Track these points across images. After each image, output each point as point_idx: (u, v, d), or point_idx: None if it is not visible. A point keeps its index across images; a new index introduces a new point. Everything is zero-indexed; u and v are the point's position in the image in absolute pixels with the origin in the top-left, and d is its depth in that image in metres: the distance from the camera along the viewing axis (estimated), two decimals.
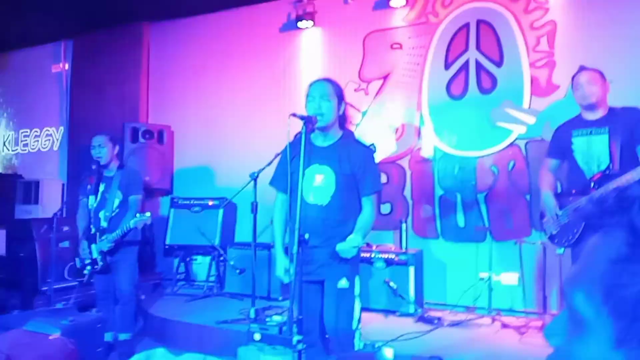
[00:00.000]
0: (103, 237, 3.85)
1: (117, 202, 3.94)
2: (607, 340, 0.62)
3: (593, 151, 3.17)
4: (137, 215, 3.81)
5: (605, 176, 3.05)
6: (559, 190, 3.45)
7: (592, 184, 3.09)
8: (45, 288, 4.87)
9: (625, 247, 0.65)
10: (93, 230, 3.95)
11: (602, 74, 3.23)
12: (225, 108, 6.15)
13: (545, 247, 4.15)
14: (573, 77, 3.30)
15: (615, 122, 3.14)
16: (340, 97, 2.75)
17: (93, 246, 3.91)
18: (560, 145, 3.38)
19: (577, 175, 3.24)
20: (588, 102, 3.20)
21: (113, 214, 3.92)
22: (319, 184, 2.68)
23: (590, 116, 3.24)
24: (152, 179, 5.71)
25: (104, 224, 3.91)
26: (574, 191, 3.23)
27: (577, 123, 3.31)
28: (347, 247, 2.48)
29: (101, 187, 3.98)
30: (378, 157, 3.23)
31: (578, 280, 0.72)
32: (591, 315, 0.67)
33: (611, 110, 3.22)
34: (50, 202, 6.61)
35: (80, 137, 6.81)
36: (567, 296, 0.79)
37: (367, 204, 2.71)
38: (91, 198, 3.99)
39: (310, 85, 2.77)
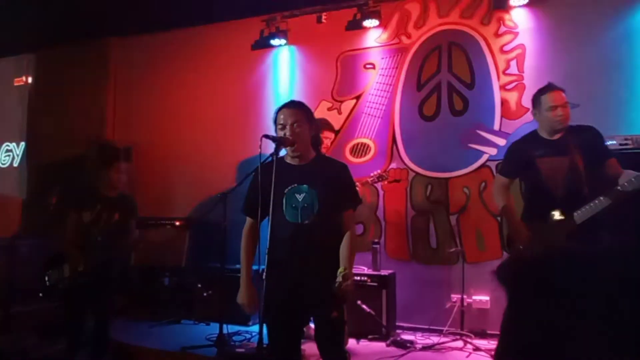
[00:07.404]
0: (97, 252, 3.70)
1: (115, 221, 3.87)
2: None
3: (558, 171, 3.09)
4: (132, 235, 3.89)
5: (579, 198, 2.99)
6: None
7: (562, 205, 3.04)
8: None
9: None
10: (82, 245, 3.79)
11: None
12: (194, 126, 6.02)
13: None
14: (542, 94, 3.18)
15: (576, 142, 3.06)
16: (311, 119, 2.66)
17: (79, 260, 3.72)
18: (518, 163, 3.27)
19: (543, 197, 3.15)
20: (562, 126, 3.11)
21: (109, 231, 3.83)
22: (300, 203, 2.57)
23: (551, 136, 3.17)
24: None
25: (97, 239, 3.79)
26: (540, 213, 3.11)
27: (537, 142, 3.19)
28: (340, 286, 2.41)
29: (98, 205, 3.86)
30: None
31: None
32: None
33: (568, 129, 3.14)
34: (8, 221, 6.32)
35: (42, 152, 6.57)
36: None
37: (349, 219, 2.63)
38: (86, 213, 3.85)
39: (278, 110, 2.66)
